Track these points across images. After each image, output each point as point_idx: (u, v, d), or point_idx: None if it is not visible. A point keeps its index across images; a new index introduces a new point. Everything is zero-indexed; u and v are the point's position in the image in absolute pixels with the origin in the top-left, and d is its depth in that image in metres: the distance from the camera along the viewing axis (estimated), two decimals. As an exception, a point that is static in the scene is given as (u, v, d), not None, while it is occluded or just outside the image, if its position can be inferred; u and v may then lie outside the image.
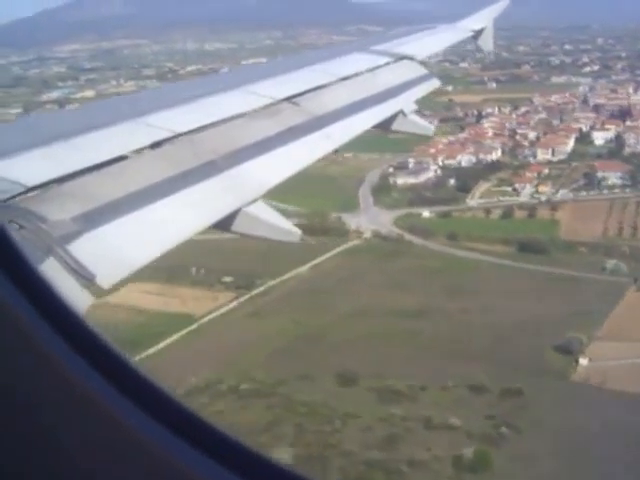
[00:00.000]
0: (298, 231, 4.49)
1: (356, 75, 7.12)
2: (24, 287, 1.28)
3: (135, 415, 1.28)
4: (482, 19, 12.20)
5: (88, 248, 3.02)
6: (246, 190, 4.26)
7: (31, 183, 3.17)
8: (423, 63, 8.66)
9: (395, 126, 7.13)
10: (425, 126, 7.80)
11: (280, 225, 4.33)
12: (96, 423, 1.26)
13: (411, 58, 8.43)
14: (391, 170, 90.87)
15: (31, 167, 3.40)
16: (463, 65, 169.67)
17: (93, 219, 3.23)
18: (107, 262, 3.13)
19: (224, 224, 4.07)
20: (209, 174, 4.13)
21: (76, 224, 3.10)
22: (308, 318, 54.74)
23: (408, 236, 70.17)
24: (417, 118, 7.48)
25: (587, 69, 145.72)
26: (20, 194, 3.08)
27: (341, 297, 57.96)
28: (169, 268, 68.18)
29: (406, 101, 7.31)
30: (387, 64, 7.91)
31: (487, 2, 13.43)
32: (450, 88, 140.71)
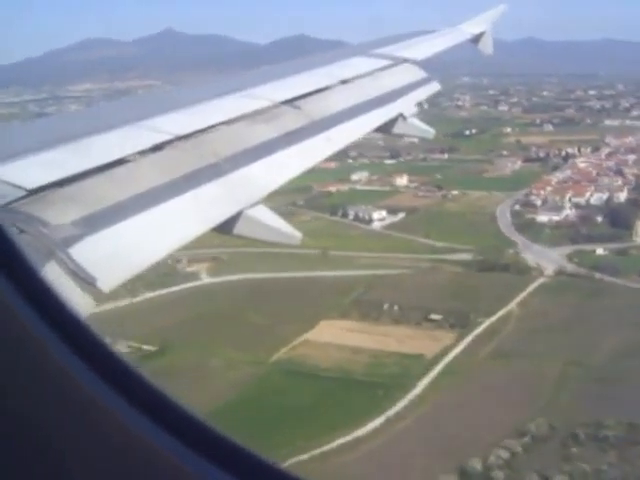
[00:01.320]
0: (299, 235, 4.43)
1: (357, 78, 7.13)
2: (25, 288, 1.30)
3: (132, 415, 1.29)
4: (481, 23, 12.22)
5: (89, 252, 2.99)
6: (247, 193, 4.26)
7: (32, 186, 3.14)
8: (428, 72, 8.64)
9: (396, 129, 7.12)
10: (425, 129, 7.70)
11: (281, 228, 4.30)
12: (94, 423, 1.27)
13: (411, 61, 8.48)
14: (518, 207, 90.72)
15: (32, 170, 3.37)
16: (502, 108, 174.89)
17: (94, 222, 3.20)
18: (108, 265, 3.10)
19: (225, 227, 4.03)
20: (210, 177, 4.13)
21: (77, 228, 3.08)
22: (579, 358, 52.67)
23: (596, 274, 69.16)
24: (417, 121, 7.46)
25: (635, 112, 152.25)
26: (21, 198, 3.05)
27: (586, 336, 56.20)
28: (356, 304, 65.19)
29: (407, 104, 7.32)
30: (387, 67, 7.93)
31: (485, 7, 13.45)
32: (509, 130, 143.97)
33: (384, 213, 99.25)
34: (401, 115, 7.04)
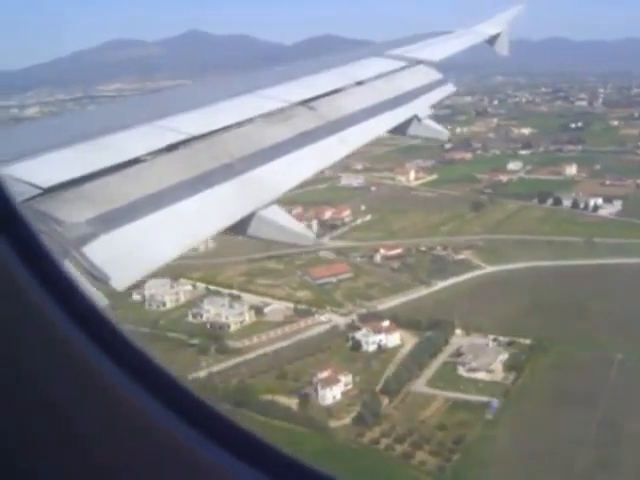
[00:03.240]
0: (312, 235, 4.51)
1: (372, 79, 7.13)
2: (25, 253, 1.31)
3: (131, 387, 1.30)
4: (498, 24, 12.17)
5: (103, 250, 3.01)
6: (261, 193, 4.24)
7: (47, 185, 3.15)
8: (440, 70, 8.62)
9: (410, 131, 7.12)
10: (440, 130, 7.73)
11: (294, 229, 4.29)
12: (91, 386, 1.28)
13: (427, 62, 8.45)
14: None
15: (47, 169, 3.38)
16: (580, 104, 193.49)
17: (108, 221, 3.21)
18: (122, 264, 3.11)
19: (238, 227, 4.03)
20: (224, 177, 4.12)
21: (91, 226, 3.10)
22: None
23: None
24: (432, 123, 7.45)
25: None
26: (36, 196, 3.07)
27: None
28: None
29: (421, 106, 7.32)
30: (403, 69, 7.92)
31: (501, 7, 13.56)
32: (616, 123, 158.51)
33: (600, 201, 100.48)
34: (416, 116, 7.06)
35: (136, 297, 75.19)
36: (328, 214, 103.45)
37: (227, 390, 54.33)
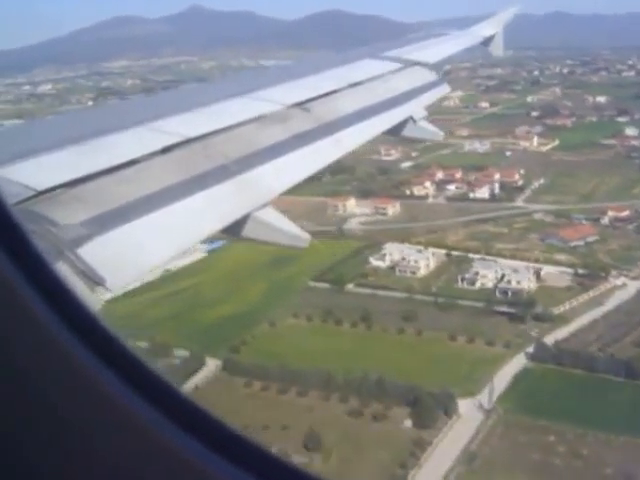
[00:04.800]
0: (308, 236, 4.40)
1: (367, 81, 7.14)
2: (21, 260, 1.31)
3: (125, 391, 1.30)
4: (493, 25, 12.28)
5: (98, 252, 3.01)
6: (256, 195, 4.25)
7: (42, 187, 3.16)
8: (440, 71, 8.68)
9: (405, 132, 7.12)
10: (435, 132, 7.75)
11: (290, 230, 4.29)
12: (83, 391, 1.28)
13: (422, 64, 8.46)
14: None
15: (42, 171, 3.39)
16: (627, 74, 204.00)
17: (103, 223, 3.21)
18: (117, 266, 3.12)
19: (233, 229, 4.03)
20: (219, 179, 4.12)
21: (86, 228, 3.10)
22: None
23: None
24: (427, 124, 7.45)
25: None
26: (31, 198, 3.07)
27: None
28: None
29: (416, 107, 7.31)
30: (398, 70, 7.95)
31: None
32: None
33: None
34: (411, 118, 7.07)
35: (377, 263, 76.74)
36: (496, 177, 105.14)
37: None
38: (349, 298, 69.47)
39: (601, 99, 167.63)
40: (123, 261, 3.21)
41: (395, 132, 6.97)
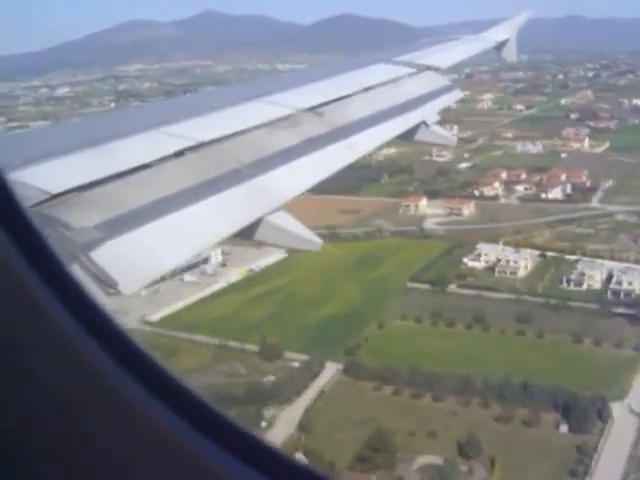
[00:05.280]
0: (319, 240, 4.38)
1: (379, 86, 7.13)
2: (23, 243, 1.31)
3: (128, 382, 1.30)
4: (505, 30, 12.25)
5: (111, 255, 3.03)
6: (269, 199, 4.24)
7: (55, 190, 3.18)
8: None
9: (418, 137, 7.10)
10: (447, 137, 7.78)
11: (302, 234, 4.27)
12: (85, 375, 1.29)
13: (434, 69, 8.48)
14: None
15: (55, 174, 3.41)
16: None
17: (116, 227, 3.22)
18: (129, 269, 3.13)
19: (246, 233, 4.05)
20: (232, 183, 4.13)
21: (99, 231, 3.12)
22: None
23: None
24: (439, 129, 7.41)
25: None
26: (44, 201, 3.08)
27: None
28: None
29: (429, 112, 7.29)
30: (410, 75, 7.95)
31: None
32: None
33: None
34: (423, 122, 7.02)
35: (472, 263, 75.92)
36: (563, 178, 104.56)
37: None
38: (454, 299, 68.21)
39: (637, 102, 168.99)
40: (136, 264, 3.21)
41: (408, 137, 6.98)
